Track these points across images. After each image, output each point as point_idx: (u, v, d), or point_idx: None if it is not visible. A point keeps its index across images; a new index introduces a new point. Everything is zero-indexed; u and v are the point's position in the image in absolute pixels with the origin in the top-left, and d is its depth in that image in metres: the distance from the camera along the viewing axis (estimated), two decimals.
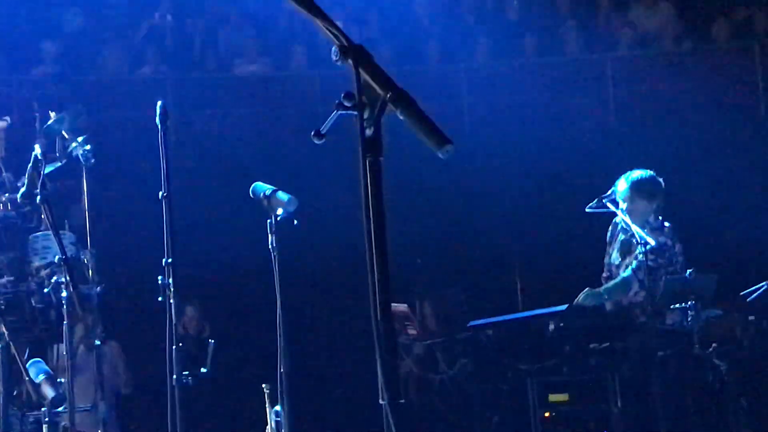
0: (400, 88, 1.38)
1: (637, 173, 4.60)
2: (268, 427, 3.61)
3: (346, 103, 1.40)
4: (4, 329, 3.48)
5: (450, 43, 6.69)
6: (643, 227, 4.49)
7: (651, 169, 4.59)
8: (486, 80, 6.62)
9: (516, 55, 6.83)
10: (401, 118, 1.35)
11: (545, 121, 6.48)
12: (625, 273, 4.54)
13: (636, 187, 4.59)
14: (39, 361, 3.57)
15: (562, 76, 6.73)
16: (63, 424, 3.64)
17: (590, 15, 6.98)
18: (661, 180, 4.62)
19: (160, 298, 3.49)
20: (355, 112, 1.40)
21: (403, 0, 6.82)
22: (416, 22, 6.86)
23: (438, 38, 6.75)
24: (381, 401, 1.27)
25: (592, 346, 4.96)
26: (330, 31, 1.43)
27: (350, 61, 1.40)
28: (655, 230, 4.54)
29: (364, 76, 1.41)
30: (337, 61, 1.40)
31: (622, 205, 4.55)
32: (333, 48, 1.39)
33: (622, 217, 4.56)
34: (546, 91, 6.58)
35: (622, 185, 4.65)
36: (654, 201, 4.63)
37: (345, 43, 1.40)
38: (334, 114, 1.44)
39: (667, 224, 4.69)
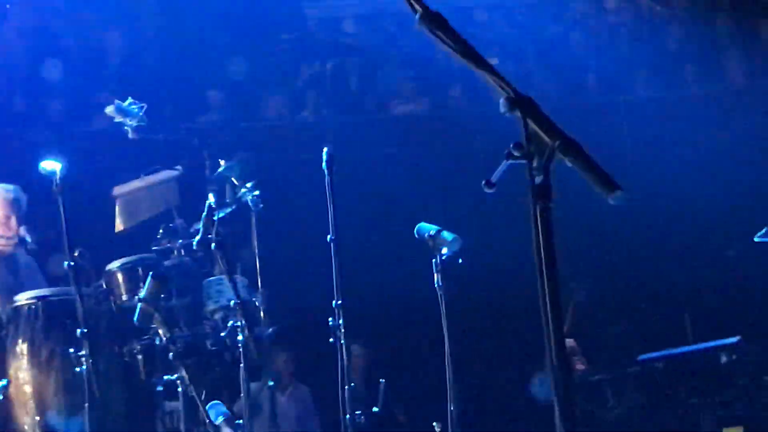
0: (568, 136, 1.45)
1: None
2: None
3: (515, 153, 1.49)
4: (183, 373, 3.72)
5: (609, 75, 6.84)
6: None
7: None
8: (646, 111, 6.71)
9: (677, 84, 6.87)
10: (570, 165, 1.43)
11: (709, 151, 6.37)
12: None
13: None
14: (218, 404, 3.76)
15: (725, 105, 6.68)
16: None
17: (752, 42, 6.95)
18: None
19: (331, 340, 3.80)
20: (525, 161, 1.48)
21: (559, 33, 7.04)
22: (574, 54, 7.03)
23: (596, 70, 6.90)
24: None
25: (767, 378, 5.10)
26: (498, 83, 1.51)
27: (518, 113, 1.49)
28: None
29: (532, 125, 1.49)
30: (505, 112, 1.49)
31: None
32: (501, 100, 1.48)
33: None
34: (709, 121, 6.47)
35: None
36: None
37: (512, 95, 1.50)
38: (504, 164, 1.53)
39: None
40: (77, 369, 3.87)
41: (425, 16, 1.60)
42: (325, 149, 3.84)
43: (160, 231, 4.39)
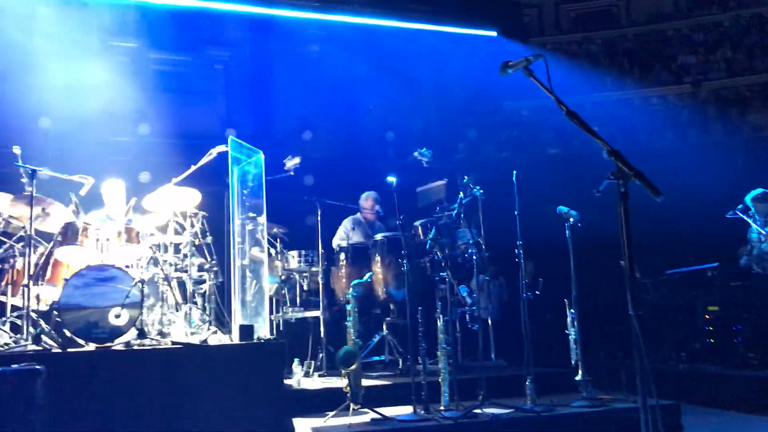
0: (636, 168, 2.65)
1: None
2: None
3: (612, 176, 2.62)
4: (448, 272, 7.55)
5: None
6: None
7: None
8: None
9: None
10: (638, 183, 2.61)
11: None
12: None
13: None
14: (463, 286, 7.49)
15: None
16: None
17: None
18: None
19: (516, 259, 7.49)
20: (616, 180, 2.58)
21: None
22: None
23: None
24: None
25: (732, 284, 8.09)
26: (602, 142, 2.75)
27: (612, 157, 2.55)
28: None
29: (619, 163, 2.67)
30: (606, 156, 2.63)
31: None
32: (604, 151, 2.62)
33: None
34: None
35: None
36: None
37: (610, 148, 2.66)
38: (606, 181, 2.65)
39: None
40: (402, 268, 6.37)
41: (568, 112, 2.94)
42: (514, 172, 6.40)
43: (437, 208, 7.92)
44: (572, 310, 6.30)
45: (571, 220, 6.39)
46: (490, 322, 8.26)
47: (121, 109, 9.21)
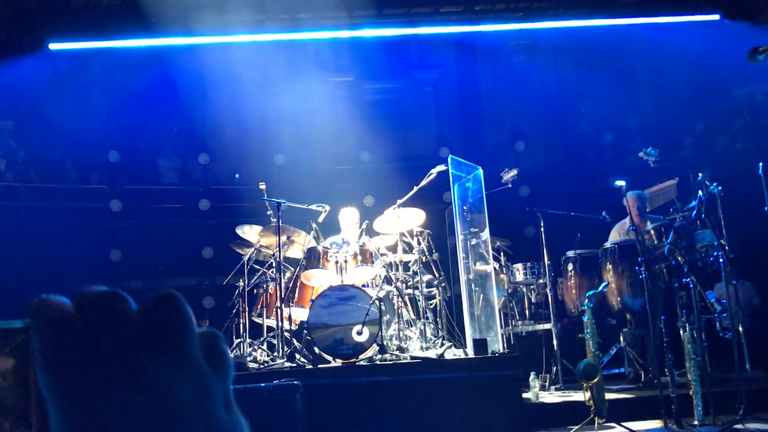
0: None
1: None
2: None
3: None
4: (692, 277, 7.11)
5: None
6: None
7: None
8: None
9: None
10: None
11: None
12: None
13: None
14: (711, 292, 7.04)
15: None
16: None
17: None
18: None
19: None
20: None
21: None
22: None
23: None
24: None
25: None
26: None
27: None
28: None
29: None
30: None
31: None
32: None
33: None
34: None
35: None
36: None
37: None
38: None
39: None
40: (640, 276, 7.54)
41: None
42: (761, 164, 6.82)
43: (670, 209, 7.63)
44: None
45: None
46: (741, 329, 7.54)
47: (344, 139, 9.80)
